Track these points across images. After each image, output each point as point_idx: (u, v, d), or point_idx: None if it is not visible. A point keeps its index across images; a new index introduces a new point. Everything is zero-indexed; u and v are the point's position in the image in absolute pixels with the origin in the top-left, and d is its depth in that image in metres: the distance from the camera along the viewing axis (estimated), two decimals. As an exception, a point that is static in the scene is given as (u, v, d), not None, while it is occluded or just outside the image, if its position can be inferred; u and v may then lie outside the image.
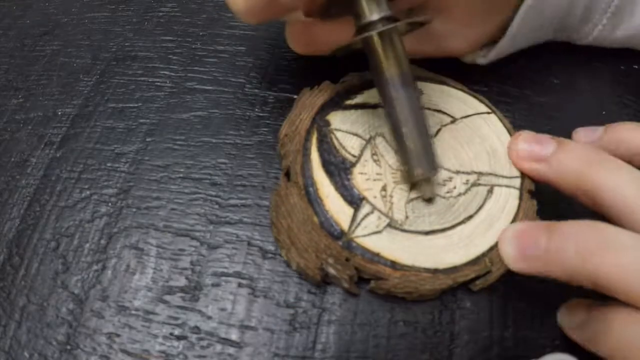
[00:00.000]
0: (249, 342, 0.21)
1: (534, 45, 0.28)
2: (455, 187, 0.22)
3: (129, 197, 0.24)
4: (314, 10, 0.22)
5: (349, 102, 0.24)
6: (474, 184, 0.22)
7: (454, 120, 0.24)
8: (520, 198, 0.22)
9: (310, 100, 0.24)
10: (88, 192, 0.25)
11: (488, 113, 0.24)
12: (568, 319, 0.20)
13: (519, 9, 0.24)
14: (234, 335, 0.21)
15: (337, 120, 0.24)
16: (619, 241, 0.17)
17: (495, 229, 0.21)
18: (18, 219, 0.24)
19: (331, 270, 0.20)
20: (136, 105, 0.27)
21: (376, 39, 0.20)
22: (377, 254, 0.20)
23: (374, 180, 0.22)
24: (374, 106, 0.24)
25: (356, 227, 0.21)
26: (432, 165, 0.21)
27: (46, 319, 0.21)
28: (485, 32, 0.25)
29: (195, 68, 0.29)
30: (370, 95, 0.24)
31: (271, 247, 0.23)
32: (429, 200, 0.22)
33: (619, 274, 0.16)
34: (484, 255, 0.21)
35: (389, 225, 0.21)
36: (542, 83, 0.28)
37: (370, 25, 0.20)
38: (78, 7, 0.33)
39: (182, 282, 0.22)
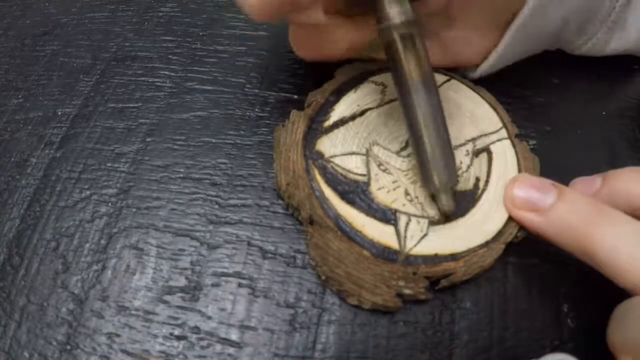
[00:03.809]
0: (249, 342, 0.21)
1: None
2: (461, 162, 0.23)
3: (129, 197, 0.24)
4: (335, 8, 0.21)
5: (326, 124, 0.24)
6: (474, 152, 0.23)
7: None
8: (513, 145, 0.23)
9: (290, 138, 0.23)
10: (88, 192, 0.25)
11: (448, 80, 0.25)
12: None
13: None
14: (234, 335, 0.21)
15: (327, 146, 0.23)
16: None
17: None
18: (18, 219, 0.24)
19: (406, 291, 0.20)
20: (136, 105, 0.27)
21: (399, 41, 0.20)
22: (436, 255, 0.21)
23: (394, 189, 0.22)
24: (351, 117, 0.24)
25: (405, 241, 0.21)
26: (453, 175, 0.21)
27: (46, 319, 0.21)
28: (494, 43, 0.25)
29: (195, 68, 0.29)
30: (341, 110, 0.24)
31: (271, 247, 0.23)
32: (447, 217, 0.21)
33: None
34: (508, 224, 0.21)
35: (430, 223, 0.21)
36: (542, 83, 0.28)
37: (393, 27, 0.20)
38: (78, 7, 0.33)
39: (182, 282, 0.22)
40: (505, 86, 0.27)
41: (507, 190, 0.21)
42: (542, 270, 0.22)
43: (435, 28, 0.24)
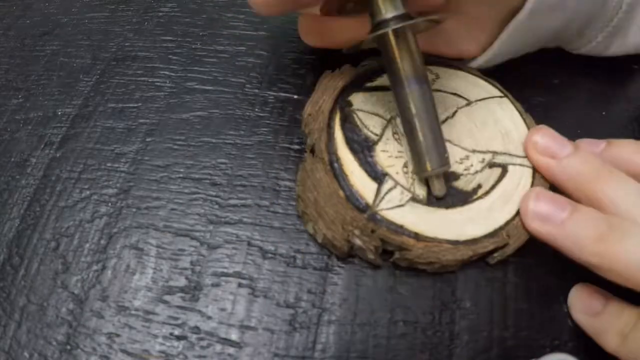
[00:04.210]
0: (249, 342, 0.21)
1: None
2: (472, 165, 0.23)
3: (129, 197, 0.24)
4: (331, 7, 0.22)
5: (369, 84, 0.25)
6: (490, 163, 0.23)
7: (469, 102, 0.25)
8: (533, 176, 0.23)
9: (331, 83, 0.25)
10: (88, 192, 0.25)
11: (501, 97, 0.25)
12: (580, 304, 0.21)
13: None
14: (234, 335, 0.21)
15: (359, 101, 0.24)
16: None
17: (511, 203, 0.22)
18: (18, 219, 0.24)
19: (357, 242, 0.21)
20: (136, 105, 0.27)
21: (391, 36, 0.21)
22: (401, 226, 0.21)
23: (396, 157, 0.23)
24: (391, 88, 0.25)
25: (380, 201, 0.22)
26: (444, 160, 0.21)
27: (46, 319, 0.21)
28: (495, 36, 0.25)
29: (195, 68, 0.29)
30: (386, 79, 0.24)
31: (271, 247, 0.23)
32: (440, 198, 0.22)
33: (633, 257, 0.18)
34: (501, 228, 0.21)
35: (412, 199, 0.22)
36: (542, 83, 0.28)
37: (385, 22, 0.20)
38: (78, 7, 0.33)
39: (182, 282, 0.22)
40: (506, 86, 0.27)
41: (530, 135, 0.23)
42: (542, 270, 0.22)
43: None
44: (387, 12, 0.20)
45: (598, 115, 0.27)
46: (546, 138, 0.22)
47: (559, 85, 0.28)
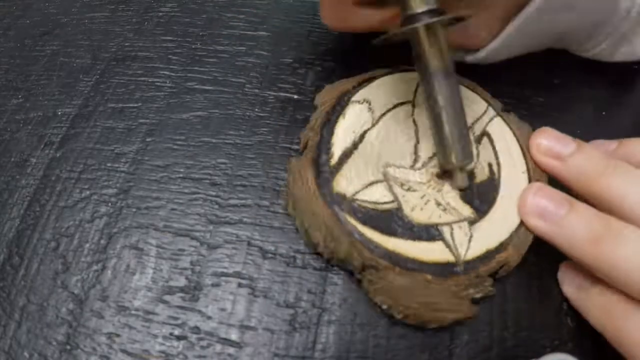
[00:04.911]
0: (249, 342, 0.21)
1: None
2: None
3: (129, 197, 0.24)
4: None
5: (333, 162, 0.23)
6: (476, 140, 0.24)
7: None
8: (504, 120, 0.24)
9: (305, 193, 0.22)
10: (88, 192, 0.25)
11: (495, 116, 0.25)
12: (569, 277, 0.21)
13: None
14: (234, 335, 0.21)
15: (344, 185, 0.22)
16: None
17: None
18: (18, 219, 0.24)
19: (477, 296, 0.21)
20: (136, 105, 0.27)
21: (422, 31, 0.21)
22: (487, 251, 0.21)
23: (425, 204, 0.22)
24: (354, 146, 0.23)
25: (457, 250, 0.21)
26: (469, 154, 0.21)
27: (46, 319, 0.21)
28: (499, 22, 0.25)
29: (195, 68, 0.29)
30: (340, 142, 0.23)
31: (271, 247, 0.23)
32: (462, 190, 0.22)
33: (623, 264, 0.18)
34: (515, 232, 0.21)
35: (470, 224, 0.22)
36: (542, 83, 0.28)
37: (417, 16, 0.20)
38: (78, 7, 0.33)
39: (182, 282, 0.22)
40: (506, 86, 0.27)
41: (533, 138, 0.23)
42: (542, 270, 0.22)
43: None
44: (420, 5, 0.20)
45: (598, 115, 0.27)
46: (549, 139, 0.22)
47: (559, 85, 0.28)
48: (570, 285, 0.21)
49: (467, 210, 0.22)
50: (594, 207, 0.20)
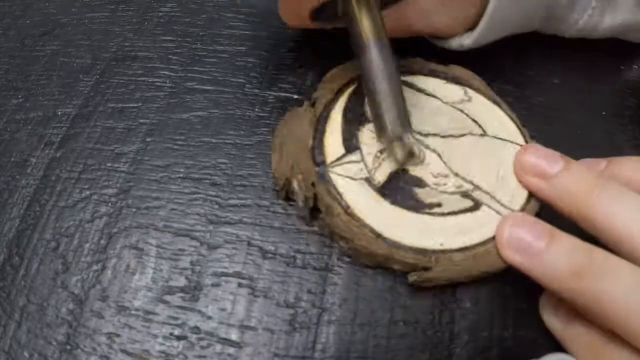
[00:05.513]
0: (249, 342, 0.21)
1: (533, 44, 0.28)
2: (445, 184, 0.22)
3: (129, 197, 0.24)
4: None
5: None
6: (464, 193, 0.22)
7: (483, 134, 0.24)
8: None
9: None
10: (88, 192, 0.25)
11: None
12: (548, 308, 0.20)
13: None
14: (234, 335, 0.21)
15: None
16: (613, 269, 0.17)
17: (461, 236, 0.21)
18: (18, 219, 0.24)
19: (295, 186, 0.22)
20: (136, 105, 0.28)
21: (354, 3, 0.21)
22: (340, 194, 0.21)
23: (377, 142, 0.23)
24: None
25: (337, 165, 0.22)
26: (406, 125, 0.21)
27: (46, 319, 0.21)
28: (468, 9, 0.24)
29: (195, 68, 0.29)
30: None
31: (271, 247, 0.23)
32: (401, 164, 0.22)
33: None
34: (433, 252, 0.20)
35: (366, 180, 0.22)
36: (542, 83, 0.28)
37: None
38: (78, 7, 0.33)
39: (182, 282, 0.22)
40: (505, 86, 0.27)
41: (519, 154, 0.22)
42: (542, 270, 0.22)
43: None
44: None
45: (598, 115, 0.27)
46: (534, 157, 0.21)
47: (559, 85, 0.28)
48: (553, 321, 0.20)
49: (379, 177, 0.22)
50: (582, 230, 0.19)
